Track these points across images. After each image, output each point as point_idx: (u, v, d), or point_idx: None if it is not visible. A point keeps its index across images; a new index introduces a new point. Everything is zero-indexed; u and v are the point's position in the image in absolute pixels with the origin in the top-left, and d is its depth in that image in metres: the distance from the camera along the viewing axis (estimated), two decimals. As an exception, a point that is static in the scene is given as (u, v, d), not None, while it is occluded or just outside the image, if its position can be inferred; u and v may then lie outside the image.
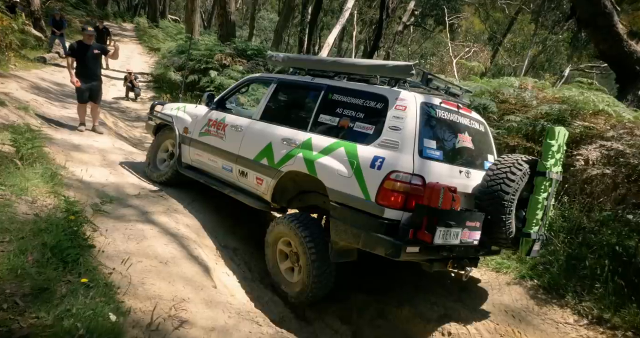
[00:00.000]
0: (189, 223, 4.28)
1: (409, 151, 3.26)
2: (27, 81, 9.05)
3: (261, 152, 4.15)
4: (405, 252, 3.06)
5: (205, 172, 4.95)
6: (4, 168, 3.33)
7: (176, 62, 13.19)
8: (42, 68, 11.94)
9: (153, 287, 2.85)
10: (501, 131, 5.85)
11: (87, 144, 6.33)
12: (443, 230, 3.04)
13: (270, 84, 4.62)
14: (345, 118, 3.70)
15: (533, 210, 3.56)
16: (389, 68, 3.71)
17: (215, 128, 4.77)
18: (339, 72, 4.15)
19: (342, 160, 3.48)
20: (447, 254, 3.33)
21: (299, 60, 4.76)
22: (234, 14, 15.47)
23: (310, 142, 3.78)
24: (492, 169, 3.60)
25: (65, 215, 2.83)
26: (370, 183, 3.26)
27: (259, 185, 4.18)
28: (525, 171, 3.52)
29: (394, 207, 3.16)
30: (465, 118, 3.88)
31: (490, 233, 3.49)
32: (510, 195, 3.42)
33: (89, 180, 4.69)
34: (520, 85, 6.78)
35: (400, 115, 3.38)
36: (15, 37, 10.43)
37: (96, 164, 5.51)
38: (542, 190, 3.56)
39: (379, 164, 3.27)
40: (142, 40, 25.90)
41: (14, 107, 6.28)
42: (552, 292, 3.98)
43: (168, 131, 5.52)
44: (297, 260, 3.80)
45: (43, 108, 7.42)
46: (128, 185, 4.97)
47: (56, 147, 5.58)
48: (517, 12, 26.47)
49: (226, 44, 14.13)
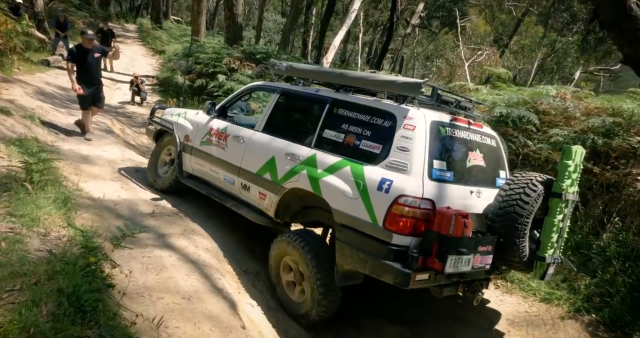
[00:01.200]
0: (208, 247, 3.99)
1: (418, 174, 3.13)
2: (31, 86, 8.77)
3: (264, 166, 4.02)
4: (414, 280, 2.93)
5: (207, 182, 4.80)
6: (14, 194, 3.05)
7: (183, 65, 12.89)
8: (46, 71, 11.66)
9: (178, 331, 2.56)
10: (544, 146, 5.41)
11: (96, 154, 6.05)
12: (454, 258, 2.93)
13: (273, 94, 4.47)
14: (351, 135, 3.57)
15: (548, 232, 3.41)
16: (398, 85, 3.55)
17: (217, 138, 4.62)
18: (344, 85, 4.02)
19: (347, 180, 3.35)
20: (458, 279, 3.22)
21: (303, 70, 4.52)
22: (240, 16, 15.19)
23: (314, 159, 3.66)
24: (505, 190, 3.43)
25: (81, 251, 2.54)
26: (378, 207, 3.13)
27: (262, 200, 4.05)
28: (540, 192, 3.35)
29: (403, 233, 3.04)
30: (476, 134, 3.72)
31: (503, 256, 3.35)
32: (524, 218, 3.27)
33: (101, 198, 4.40)
34: (558, 94, 6.37)
35: (409, 135, 3.24)
36: (19, 40, 10.15)
37: (106, 178, 5.22)
38: (558, 212, 3.40)
39: (387, 186, 3.13)
40: (146, 42, 25.65)
41: (19, 115, 6.00)
42: (615, 330, 3.63)
43: (168, 136, 5.35)
44: (302, 281, 3.66)
45: (49, 116, 7.13)
46: (141, 202, 4.68)
47: (63, 157, 5.30)
48: (524, 14, 26.19)
49: (234, 46, 13.85)
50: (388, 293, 3.90)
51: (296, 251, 3.54)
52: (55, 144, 5.77)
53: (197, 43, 15.39)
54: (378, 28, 27.65)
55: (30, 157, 3.82)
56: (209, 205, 4.99)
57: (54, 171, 4.06)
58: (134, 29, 32.55)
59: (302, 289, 3.65)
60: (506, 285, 4.49)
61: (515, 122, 5.75)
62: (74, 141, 6.40)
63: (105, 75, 14.84)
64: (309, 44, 26.52)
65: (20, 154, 4.06)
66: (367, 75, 4.05)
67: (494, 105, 6.12)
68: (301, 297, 3.67)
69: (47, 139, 5.80)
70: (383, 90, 3.73)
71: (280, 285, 3.84)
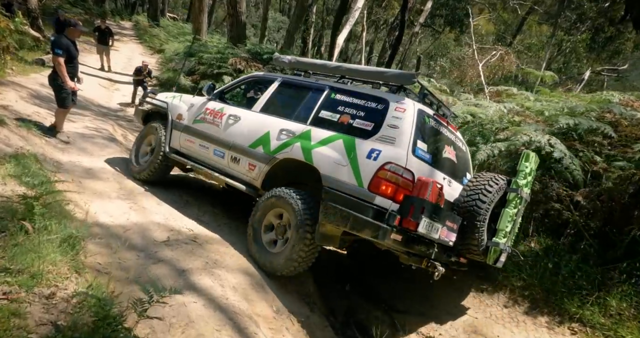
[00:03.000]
0: (235, 284, 3.46)
1: (404, 147, 3.54)
2: (26, 89, 8.17)
3: (258, 140, 4.32)
4: (389, 237, 3.25)
5: (193, 158, 5.04)
6: (10, 237, 2.48)
7: (185, 66, 12.28)
8: (41, 72, 10.99)
9: None
10: (625, 165, 4.52)
11: (99, 166, 5.50)
12: (427, 221, 3.31)
13: (274, 82, 4.78)
14: (345, 115, 3.95)
15: (504, 221, 3.84)
16: (393, 75, 4.12)
17: (212, 116, 4.92)
18: (343, 76, 4.46)
19: (339, 150, 3.72)
20: (425, 250, 3.53)
21: (306, 63, 4.90)
22: (245, 15, 14.60)
23: (309, 133, 3.99)
24: (472, 181, 3.95)
25: (96, 321, 1.99)
26: (365, 172, 3.51)
27: (251, 171, 4.33)
28: (502, 186, 3.85)
29: (384, 195, 3.40)
30: (452, 134, 4.26)
31: (464, 238, 3.77)
32: (487, 205, 3.73)
33: (109, 223, 3.87)
34: (621, 102, 5.62)
35: (399, 115, 3.68)
36: (13, 39, 9.54)
37: (112, 195, 4.68)
38: (513, 206, 3.88)
39: (376, 155, 3.54)
40: (143, 40, 24.92)
41: (14, 124, 5.44)
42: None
43: (149, 128, 5.57)
44: (284, 233, 3.94)
45: (46, 122, 6.54)
46: (153, 226, 4.15)
47: (65, 173, 4.75)
48: (529, 13, 25.74)
49: (238, 46, 13.28)
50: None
51: (289, 202, 3.81)
52: (54, 156, 5.21)
53: (199, 42, 14.81)
54: (381, 27, 27.13)
55: (28, 185, 3.28)
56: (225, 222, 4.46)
57: (58, 199, 3.50)
58: (130, 27, 31.77)
59: (284, 242, 3.93)
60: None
61: (582, 135, 5.05)
62: (74, 151, 5.84)
63: (103, 75, 14.27)
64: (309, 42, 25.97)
65: (17, 178, 3.51)
66: (364, 68, 4.61)
67: (550, 115, 5.51)
68: (279, 248, 3.94)
69: (45, 150, 5.24)
70: (380, 80, 4.16)
71: (259, 235, 4.05)
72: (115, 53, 18.57)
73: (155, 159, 5.26)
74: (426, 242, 3.51)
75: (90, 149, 6.17)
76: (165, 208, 4.68)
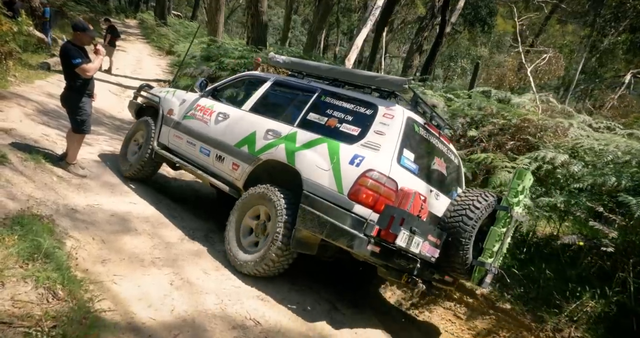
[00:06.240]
0: None
1: (388, 155, 3.39)
2: (31, 102, 7.04)
3: (243, 139, 4.23)
4: (366, 248, 3.12)
5: (180, 155, 4.93)
6: None
7: (206, 72, 11.16)
8: (46, 77, 9.84)
9: None
10: None
11: (124, 210, 4.38)
12: (407, 234, 3.13)
13: (266, 81, 4.68)
14: (333, 118, 3.84)
15: (491, 241, 3.64)
16: (383, 80, 3.95)
17: (202, 113, 4.84)
18: (335, 79, 4.32)
19: (322, 154, 3.58)
20: (405, 265, 3.40)
21: (299, 64, 4.76)
22: (266, 14, 13.45)
23: (294, 135, 3.88)
24: (460, 196, 3.78)
25: None
26: (346, 178, 3.36)
27: (234, 171, 4.23)
28: (491, 203, 3.65)
29: (364, 204, 3.25)
30: (443, 146, 4.10)
31: (448, 255, 3.56)
32: (473, 221, 3.55)
33: (150, 322, 2.74)
34: None
35: (387, 122, 3.54)
36: (17, 43, 8.42)
37: (146, 261, 3.51)
38: (502, 225, 3.66)
39: (359, 161, 3.38)
40: (150, 39, 23.81)
41: (19, 158, 4.31)
42: None
43: (146, 118, 5.40)
44: (264, 232, 3.84)
45: (57, 148, 5.43)
46: (209, 321, 2.98)
47: (84, 230, 3.63)
48: (552, 11, 24.57)
49: (260, 48, 12.16)
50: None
51: (271, 201, 3.68)
52: (68, 200, 4.09)
53: (216, 44, 13.70)
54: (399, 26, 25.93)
55: (39, 282, 2.15)
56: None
57: (80, 297, 2.39)
58: (135, 25, 30.60)
59: (257, 242, 3.85)
60: None
61: None
62: (93, 186, 4.72)
63: (111, 79, 13.04)
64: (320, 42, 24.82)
65: (23, 265, 2.39)
66: (355, 71, 4.40)
67: None
68: (253, 248, 3.82)
69: (58, 193, 4.12)
70: (370, 84, 4.04)
71: (237, 235, 3.92)
72: (122, 54, 17.41)
73: (144, 154, 5.09)
74: (407, 257, 3.37)
75: (110, 182, 5.06)
76: (215, 280, 3.56)
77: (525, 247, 4.48)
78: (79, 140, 4.85)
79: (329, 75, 4.41)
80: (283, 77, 4.78)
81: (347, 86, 4.29)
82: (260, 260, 3.60)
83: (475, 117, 6.12)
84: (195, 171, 4.62)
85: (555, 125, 5.41)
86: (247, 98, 4.70)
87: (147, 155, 5.07)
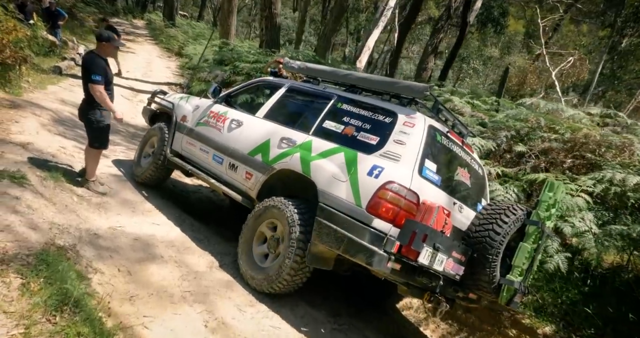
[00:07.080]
0: None
1: (409, 166, 3.23)
2: (46, 111, 6.81)
3: (257, 147, 4.10)
4: (386, 265, 2.95)
5: (193, 162, 4.83)
6: None
7: (219, 76, 10.90)
8: (59, 82, 9.64)
9: None
10: None
11: (149, 233, 4.13)
12: (430, 250, 2.97)
13: (281, 87, 4.55)
14: (350, 126, 3.68)
15: (520, 258, 3.43)
16: (403, 86, 3.78)
17: (215, 120, 4.73)
18: (353, 85, 4.17)
19: (339, 164, 3.43)
20: (427, 283, 3.18)
21: (315, 70, 4.60)
22: (280, 16, 13.17)
23: (310, 144, 3.74)
24: (487, 209, 3.57)
25: None
26: (365, 191, 3.21)
27: (247, 180, 4.10)
28: (519, 217, 3.43)
29: (384, 218, 3.09)
30: (467, 155, 3.91)
31: (474, 273, 3.36)
32: (501, 237, 3.34)
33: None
34: None
35: (407, 131, 3.38)
36: (32, 49, 8.20)
37: (176, 296, 3.24)
38: (533, 240, 3.45)
39: (377, 172, 3.22)
40: (159, 41, 23.57)
41: (38, 177, 4.07)
42: None
43: (160, 124, 5.32)
44: (277, 247, 3.67)
45: (75, 162, 5.20)
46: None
47: (108, 258, 3.38)
48: (567, 11, 24.10)
49: (274, 51, 11.89)
50: None
51: (285, 214, 3.52)
52: (90, 224, 3.83)
53: (228, 47, 13.45)
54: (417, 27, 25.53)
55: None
56: None
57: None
58: (143, 25, 30.38)
59: (275, 257, 3.64)
60: None
61: None
62: (113, 206, 4.48)
63: (122, 83, 12.74)
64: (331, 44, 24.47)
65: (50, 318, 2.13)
66: (374, 77, 4.34)
67: None
68: (269, 263, 3.67)
69: (79, 216, 3.87)
70: (389, 91, 3.87)
71: (249, 249, 3.79)
72: (132, 56, 17.18)
73: (156, 160, 5.04)
74: (429, 274, 3.15)
75: (131, 200, 4.81)
76: (251, 319, 3.29)
77: (590, 278, 4.15)
78: (96, 155, 4.61)
79: (346, 81, 4.25)
80: (298, 83, 4.66)
81: (365, 92, 4.12)
82: (275, 277, 3.44)
83: (521, 131, 5.71)
84: (208, 180, 4.49)
85: (622, 143, 4.97)
86: (261, 105, 4.58)
87: (159, 162, 5.01)
